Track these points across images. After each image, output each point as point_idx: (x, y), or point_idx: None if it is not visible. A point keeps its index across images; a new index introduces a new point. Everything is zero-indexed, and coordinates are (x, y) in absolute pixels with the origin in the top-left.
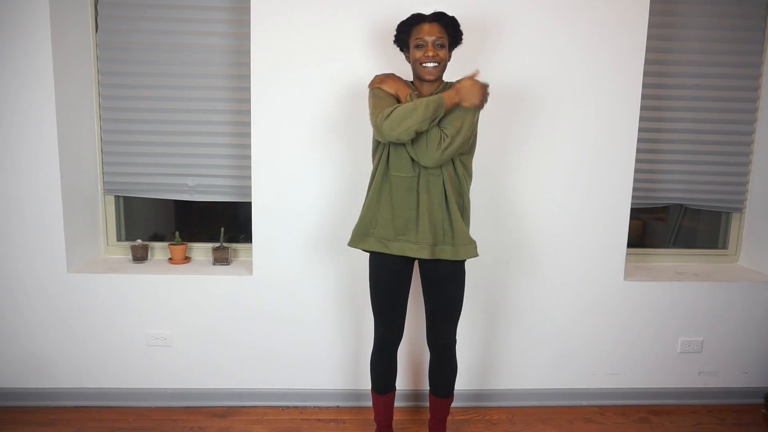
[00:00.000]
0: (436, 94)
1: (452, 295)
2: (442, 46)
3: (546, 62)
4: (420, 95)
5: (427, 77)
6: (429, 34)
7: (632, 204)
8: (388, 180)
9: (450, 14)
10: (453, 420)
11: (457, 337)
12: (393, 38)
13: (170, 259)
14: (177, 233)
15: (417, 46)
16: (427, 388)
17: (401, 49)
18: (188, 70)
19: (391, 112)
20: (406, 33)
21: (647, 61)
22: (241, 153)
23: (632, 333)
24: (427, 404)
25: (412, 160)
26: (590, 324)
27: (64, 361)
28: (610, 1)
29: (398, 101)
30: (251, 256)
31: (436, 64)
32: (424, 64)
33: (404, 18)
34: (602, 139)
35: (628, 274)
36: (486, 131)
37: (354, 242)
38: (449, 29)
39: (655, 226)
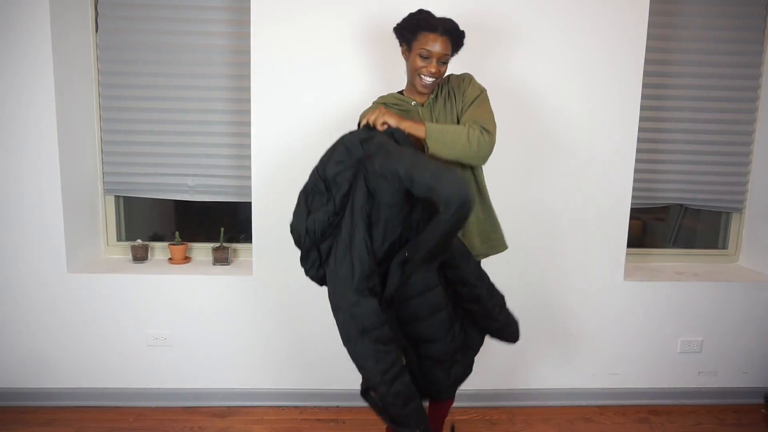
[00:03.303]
0: (437, 92)
1: None
2: (445, 63)
3: (545, 63)
4: (418, 104)
5: (421, 90)
6: (436, 49)
7: (632, 204)
8: None
9: (461, 28)
10: (453, 420)
11: None
12: (396, 26)
13: (170, 259)
14: (177, 233)
15: (421, 56)
16: None
17: (400, 40)
18: (188, 70)
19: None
20: (412, 32)
21: (647, 61)
22: (241, 153)
23: (632, 333)
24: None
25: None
26: (590, 324)
27: (65, 361)
28: (610, 1)
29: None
30: (251, 256)
31: (434, 80)
32: (423, 77)
33: (413, 11)
34: (602, 139)
35: (628, 274)
36: None
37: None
38: (455, 45)
39: (655, 226)
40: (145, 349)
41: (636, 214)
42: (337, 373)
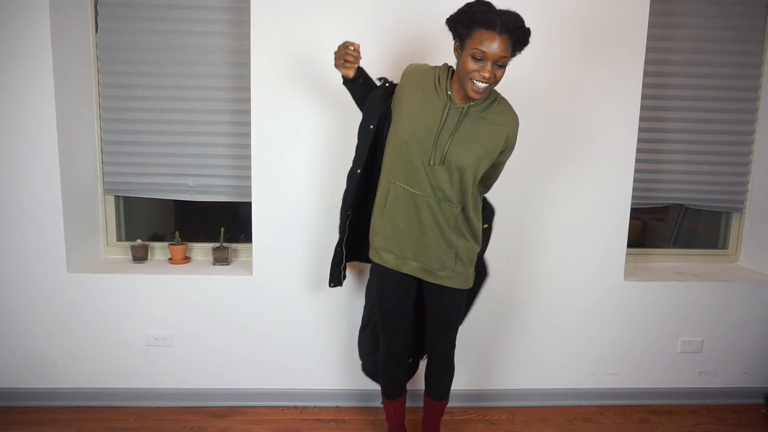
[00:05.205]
0: (481, 104)
1: (456, 305)
2: (502, 66)
3: (546, 63)
4: (453, 100)
5: (473, 96)
6: (493, 51)
7: (632, 204)
8: (394, 189)
9: (526, 25)
10: (453, 420)
11: (455, 341)
12: (449, 17)
13: (170, 259)
14: (177, 233)
15: (473, 57)
16: (423, 388)
17: (453, 34)
18: (188, 70)
19: None
20: (466, 27)
21: (647, 61)
22: (241, 153)
23: (632, 333)
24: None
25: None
26: (590, 324)
27: (64, 361)
28: (610, 1)
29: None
30: (251, 256)
31: (488, 85)
32: (476, 82)
33: (470, 1)
34: (602, 139)
35: (628, 274)
36: None
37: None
38: (518, 44)
39: (655, 226)
40: (145, 349)
41: (636, 214)
42: (337, 373)
